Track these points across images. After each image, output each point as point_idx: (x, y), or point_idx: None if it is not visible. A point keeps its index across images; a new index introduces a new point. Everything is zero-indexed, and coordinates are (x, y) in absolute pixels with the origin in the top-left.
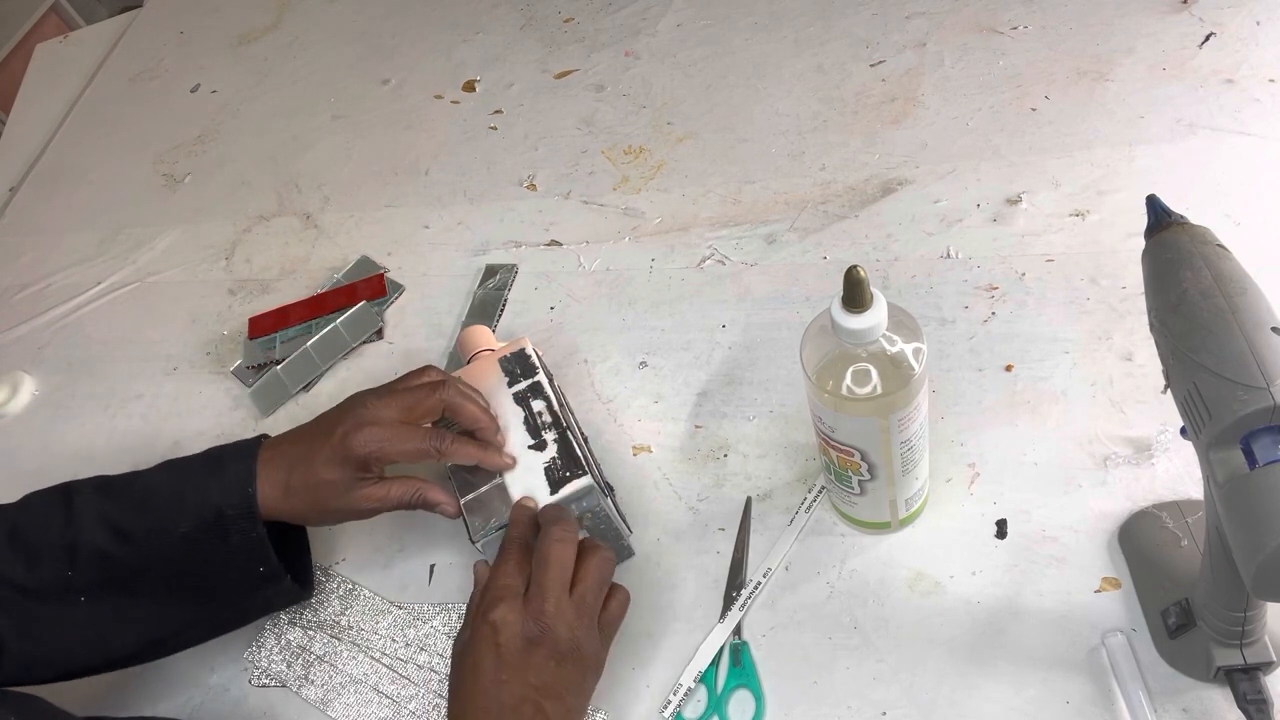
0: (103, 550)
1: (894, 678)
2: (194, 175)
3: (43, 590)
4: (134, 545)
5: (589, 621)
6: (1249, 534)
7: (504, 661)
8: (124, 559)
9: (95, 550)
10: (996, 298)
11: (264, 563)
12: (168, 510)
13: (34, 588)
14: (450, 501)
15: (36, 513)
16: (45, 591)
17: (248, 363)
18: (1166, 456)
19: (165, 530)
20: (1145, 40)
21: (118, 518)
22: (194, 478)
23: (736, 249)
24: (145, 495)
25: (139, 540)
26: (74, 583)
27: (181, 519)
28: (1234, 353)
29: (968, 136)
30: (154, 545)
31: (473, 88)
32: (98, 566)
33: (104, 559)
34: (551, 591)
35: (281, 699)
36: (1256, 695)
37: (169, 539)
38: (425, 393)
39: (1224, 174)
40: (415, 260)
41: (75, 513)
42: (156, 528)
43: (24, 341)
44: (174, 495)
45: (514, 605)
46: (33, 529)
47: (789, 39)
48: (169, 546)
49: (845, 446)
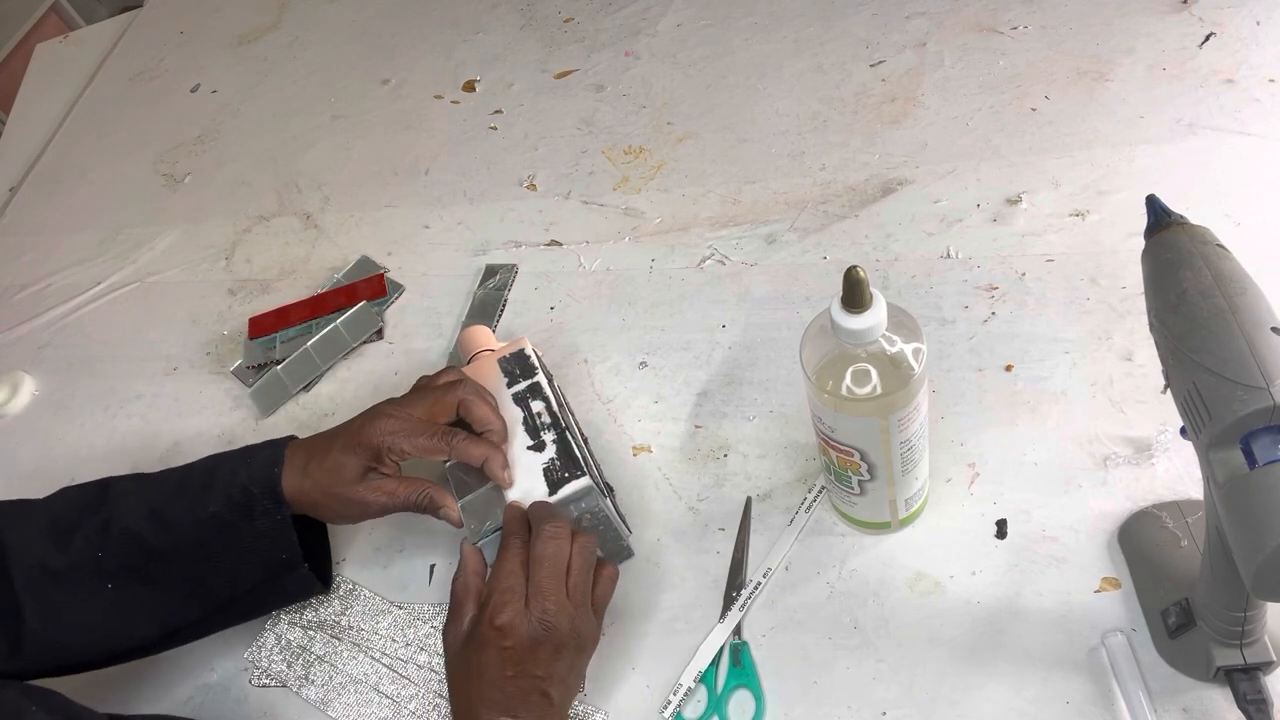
0: (135, 531)
1: (894, 678)
2: (194, 175)
3: (71, 574)
4: (165, 526)
5: (584, 608)
6: (1249, 534)
7: (511, 661)
8: (154, 542)
9: (127, 531)
10: (996, 298)
11: (286, 548)
12: (200, 490)
13: (63, 570)
14: (455, 509)
15: (72, 497)
16: (73, 575)
17: (248, 363)
18: (1166, 456)
19: (195, 512)
20: (1145, 40)
21: (153, 498)
22: (227, 463)
23: (736, 249)
24: (181, 478)
25: (171, 522)
26: (103, 565)
27: (211, 499)
28: (1234, 353)
29: (968, 136)
30: (184, 526)
31: (473, 88)
32: (128, 549)
33: (135, 541)
34: (551, 591)
35: (281, 699)
36: (1256, 695)
37: (199, 520)
38: (442, 391)
39: (1224, 174)
40: (415, 260)
41: (112, 495)
42: (188, 509)
43: (24, 341)
44: (206, 476)
45: (518, 608)
46: (68, 510)
47: (789, 39)
48: (198, 528)
49: (845, 446)
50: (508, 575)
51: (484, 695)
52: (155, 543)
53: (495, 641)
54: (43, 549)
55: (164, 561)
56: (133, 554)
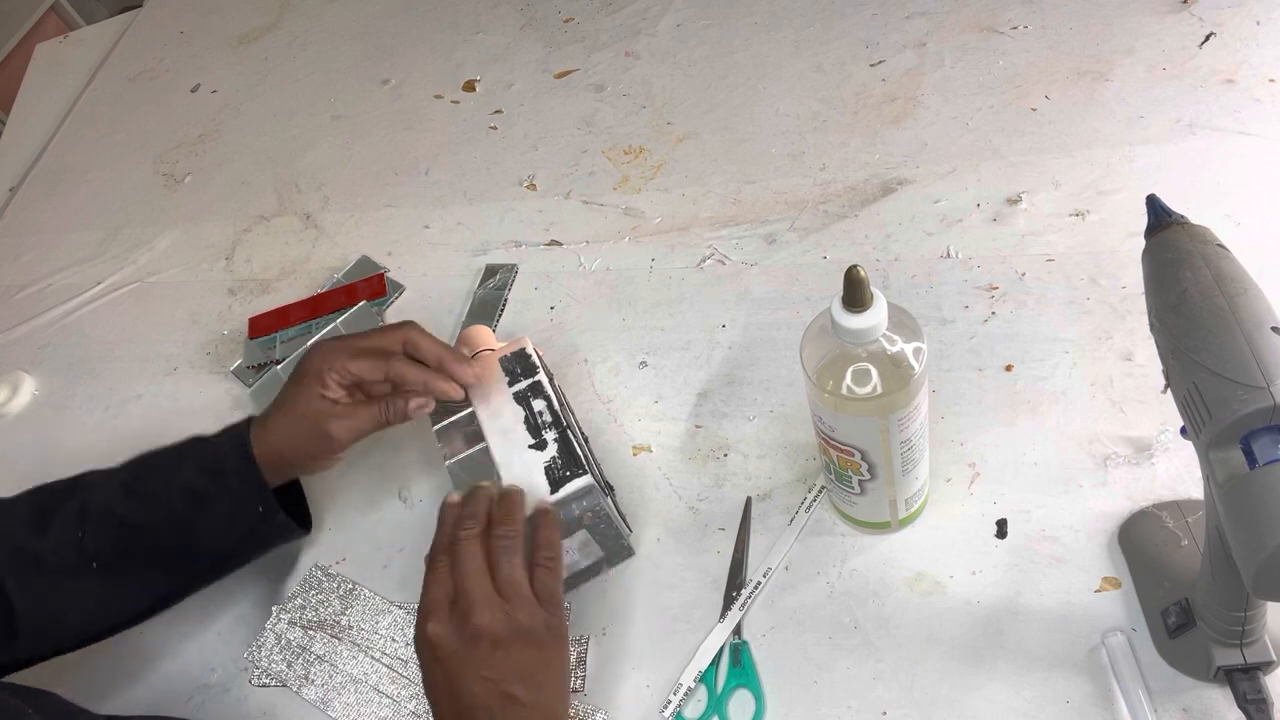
0: (112, 510)
1: (894, 678)
2: (194, 175)
3: (53, 558)
4: (141, 500)
5: (521, 599)
6: (1249, 534)
7: (451, 671)
8: (132, 518)
9: (105, 511)
10: (996, 298)
11: (262, 500)
12: (172, 462)
13: (45, 555)
14: (422, 399)
15: (45, 488)
16: (56, 559)
17: (248, 362)
18: (1166, 456)
19: (169, 483)
20: (1145, 40)
21: (126, 478)
22: (195, 440)
23: (736, 249)
24: (151, 458)
25: (145, 495)
26: (85, 546)
27: (184, 469)
28: (1234, 352)
29: (968, 136)
30: (160, 498)
31: (473, 88)
32: (107, 528)
33: (113, 519)
34: (473, 591)
35: (281, 699)
36: (1256, 695)
37: (173, 490)
38: (387, 330)
39: (1224, 174)
40: (415, 260)
41: (84, 482)
42: (163, 482)
43: (24, 341)
44: (176, 451)
45: (441, 618)
46: (44, 500)
47: (789, 39)
48: (174, 497)
49: (845, 446)
50: (434, 586)
51: (444, 709)
52: (133, 518)
53: (428, 654)
54: (22, 536)
55: (144, 534)
56: (112, 531)
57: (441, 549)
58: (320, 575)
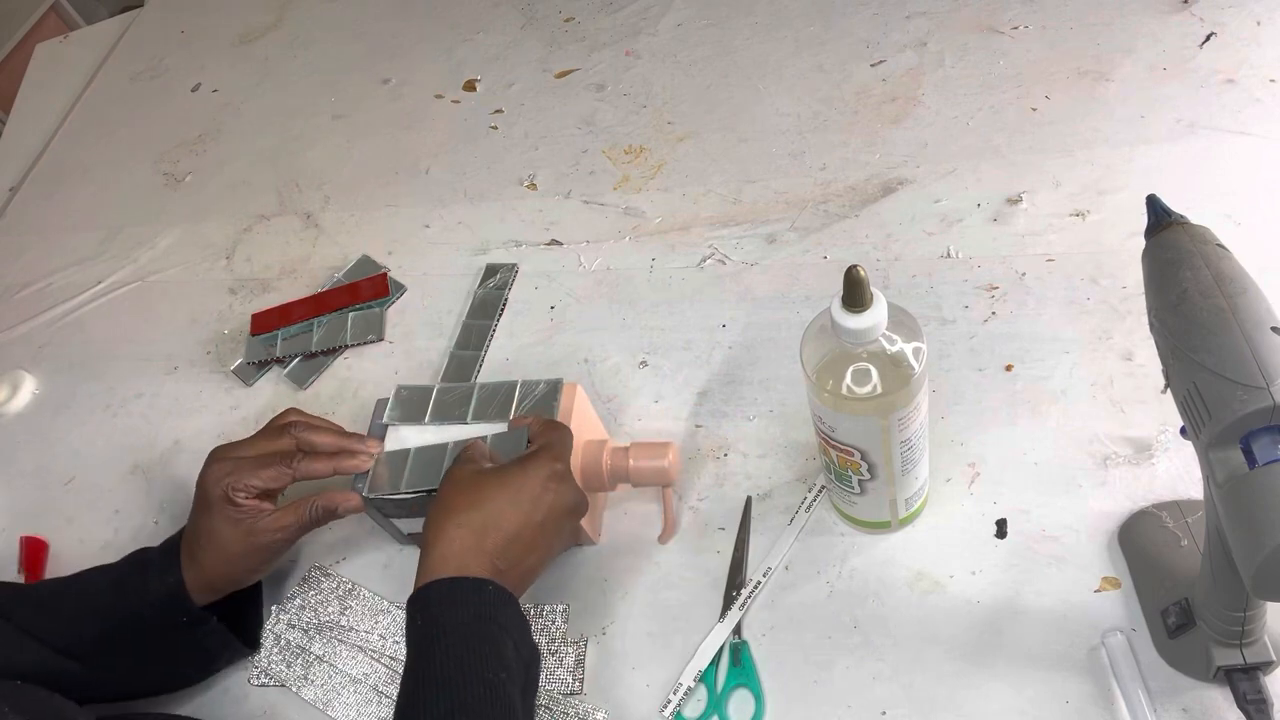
0: (30, 629)
1: (894, 678)
2: (195, 175)
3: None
4: (61, 620)
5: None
6: (1249, 534)
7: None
8: (53, 638)
9: (33, 638)
10: (996, 298)
11: (185, 611)
12: (98, 587)
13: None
14: (349, 497)
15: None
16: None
17: (249, 359)
18: (1166, 456)
19: (92, 596)
20: (1145, 40)
21: (47, 601)
22: (125, 590)
23: (737, 248)
24: (71, 580)
25: (66, 616)
26: (13, 664)
27: (118, 616)
28: (1234, 352)
29: (968, 136)
30: (82, 619)
31: (473, 87)
32: (26, 649)
33: (31, 640)
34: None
35: (281, 699)
36: (1256, 695)
37: (96, 601)
38: (275, 432)
39: (1224, 174)
40: (415, 260)
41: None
42: (85, 602)
43: (24, 341)
44: (104, 577)
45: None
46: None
47: (789, 39)
48: (97, 614)
49: (845, 446)
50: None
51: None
52: (53, 638)
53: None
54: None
55: (70, 649)
56: (32, 652)
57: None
58: (320, 575)
